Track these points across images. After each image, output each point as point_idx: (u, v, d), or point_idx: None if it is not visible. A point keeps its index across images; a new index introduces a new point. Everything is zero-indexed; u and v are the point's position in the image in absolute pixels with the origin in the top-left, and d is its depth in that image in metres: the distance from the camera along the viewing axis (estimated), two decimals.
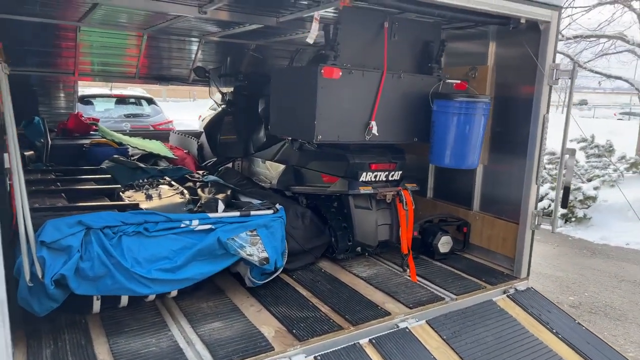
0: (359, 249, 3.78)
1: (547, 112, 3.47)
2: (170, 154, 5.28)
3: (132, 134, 6.31)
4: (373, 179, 3.57)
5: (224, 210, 2.97)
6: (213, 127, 5.40)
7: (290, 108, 3.41)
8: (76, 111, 5.95)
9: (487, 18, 3.31)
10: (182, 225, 2.58)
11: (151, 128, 10.02)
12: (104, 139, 4.85)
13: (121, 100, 10.83)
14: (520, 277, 3.66)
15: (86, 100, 9.81)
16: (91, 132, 5.43)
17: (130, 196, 3.25)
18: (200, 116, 15.03)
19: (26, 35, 4.93)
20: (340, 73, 3.09)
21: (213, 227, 2.70)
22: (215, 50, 6.30)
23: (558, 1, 3.30)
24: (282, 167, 4.40)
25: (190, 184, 3.86)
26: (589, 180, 8.64)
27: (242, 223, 2.81)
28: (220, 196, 3.24)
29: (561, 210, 3.57)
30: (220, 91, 5.82)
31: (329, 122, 3.13)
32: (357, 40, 3.27)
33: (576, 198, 7.84)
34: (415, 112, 3.49)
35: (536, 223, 3.62)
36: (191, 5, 3.66)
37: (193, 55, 6.20)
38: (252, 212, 2.89)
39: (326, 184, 3.74)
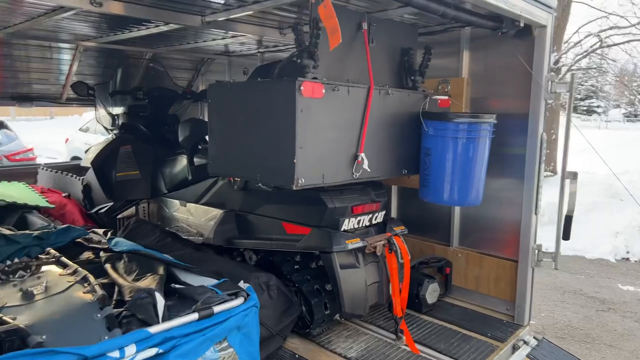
0: (337, 316, 2.90)
1: (543, 130, 2.99)
2: (44, 202, 3.82)
3: None
4: (356, 226, 2.73)
5: (169, 311, 1.87)
6: (105, 160, 4.07)
7: (246, 140, 2.42)
8: None
9: (479, 19, 2.71)
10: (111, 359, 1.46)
11: (4, 160, 7.92)
12: None
13: None
14: (523, 324, 3.13)
15: None
16: None
17: None
18: (67, 139, 12.74)
19: None
20: (323, 90, 2.21)
21: (160, 350, 1.62)
22: (97, 60, 4.90)
23: (553, 3, 2.84)
24: (216, 212, 3.34)
25: (89, 254, 2.62)
26: None
27: (205, 332, 1.76)
28: (149, 281, 2.11)
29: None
30: (109, 113, 4.49)
31: (311, 158, 2.22)
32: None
33: None
34: (404, 138, 2.74)
35: (536, 259, 3.12)
36: None
37: (67, 68, 4.74)
38: (216, 309, 1.85)
39: (291, 236, 2.80)
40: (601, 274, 6.20)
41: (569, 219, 3.02)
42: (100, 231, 2.97)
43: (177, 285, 2.10)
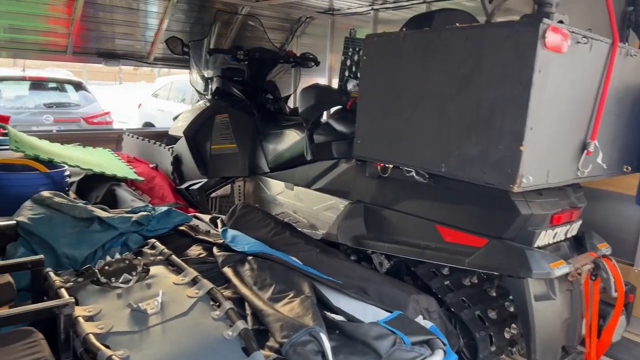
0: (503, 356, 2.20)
1: None
2: (132, 174, 3.35)
3: (62, 136, 4.23)
4: (551, 240, 1.99)
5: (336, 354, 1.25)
6: (199, 130, 3.54)
7: (423, 115, 1.72)
8: None
9: None
10: None
11: (82, 122, 7.74)
12: (20, 155, 2.82)
13: (38, 84, 8.32)
14: None
15: None
16: None
17: (89, 313, 1.41)
18: (140, 104, 12.65)
19: None
20: (569, 41, 1.45)
21: None
22: (187, 15, 4.37)
23: None
24: (333, 201, 2.71)
25: (198, 250, 2.06)
26: None
27: None
28: (297, 307, 1.49)
29: None
30: (203, 76, 3.95)
31: (541, 146, 1.49)
32: None
33: None
34: (634, 121, 1.94)
35: None
36: None
37: (155, 22, 4.24)
38: None
39: (452, 245, 2.10)
40: None
41: None
42: (206, 217, 2.42)
43: (337, 317, 1.47)
